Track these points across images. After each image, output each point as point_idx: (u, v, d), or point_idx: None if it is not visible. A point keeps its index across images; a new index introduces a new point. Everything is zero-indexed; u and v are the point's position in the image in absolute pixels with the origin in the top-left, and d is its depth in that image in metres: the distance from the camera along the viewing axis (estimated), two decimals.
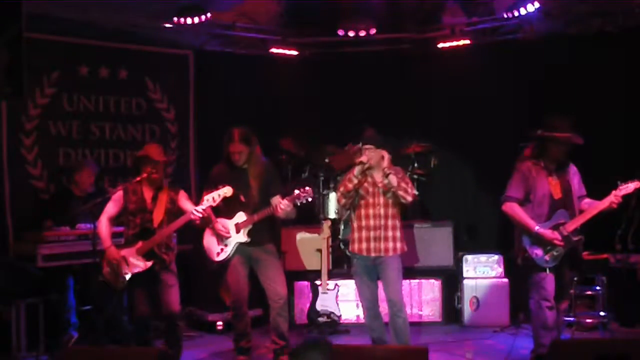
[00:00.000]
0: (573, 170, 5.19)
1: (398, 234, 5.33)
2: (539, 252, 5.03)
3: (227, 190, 5.23)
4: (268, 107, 7.99)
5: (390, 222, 5.30)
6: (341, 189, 5.34)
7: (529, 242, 5.06)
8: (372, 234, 5.29)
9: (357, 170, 5.26)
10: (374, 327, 5.42)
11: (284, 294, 5.48)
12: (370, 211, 5.31)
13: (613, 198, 4.95)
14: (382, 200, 5.30)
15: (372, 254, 5.30)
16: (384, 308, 5.45)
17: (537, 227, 4.99)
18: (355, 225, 5.40)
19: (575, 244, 5.05)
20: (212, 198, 5.21)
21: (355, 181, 5.27)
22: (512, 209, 5.12)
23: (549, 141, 5.04)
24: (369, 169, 5.29)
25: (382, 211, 5.29)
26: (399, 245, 5.32)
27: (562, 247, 4.98)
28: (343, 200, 5.37)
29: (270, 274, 5.48)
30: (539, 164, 5.12)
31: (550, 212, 5.06)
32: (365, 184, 5.31)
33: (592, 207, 5.05)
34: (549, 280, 5.02)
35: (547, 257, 5.01)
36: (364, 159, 5.24)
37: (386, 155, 5.28)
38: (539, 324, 5.06)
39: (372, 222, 5.30)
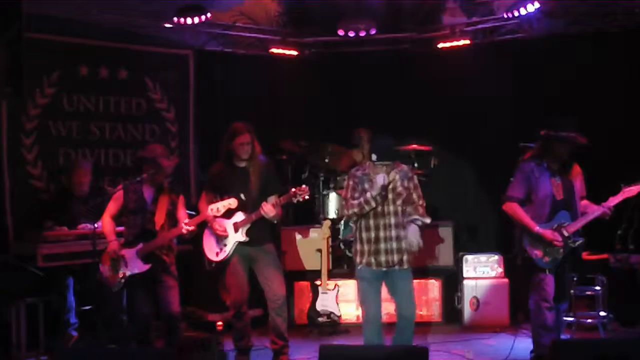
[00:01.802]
0: (576, 170, 5.16)
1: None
2: (538, 252, 5.02)
3: (232, 202, 5.23)
4: (268, 107, 8.00)
5: (402, 233, 4.88)
6: (355, 210, 4.85)
7: (529, 243, 5.05)
8: (382, 246, 4.86)
9: (375, 191, 4.80)
10: (371, 340, 4.99)
11: (282, 294, 5.47)
12: (380, 221, 4.86)
13: (604, 209, 4.97)
14: (392, 208, 4.89)
15: (383, 268, 4.89)
16: (384, 307, 5.22)
17: (537, 228, 4.97)
18: (362, 236, 4.93)
19: (576, 246, 5.03)
20: (217, 208, 5.21)
21: (373, 204, 4.81)
22: (513, 209, 5.10)
23: (553, 141, 5.01)
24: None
25: (392, 220, 4.87)
26: (411, 257, 4.95)
27: (562, 249, 4.97)
28: (355, 218, 4.93)
29: (269, 274, 5.47)
30: (542, 164, 5.09)
31: (552, 213, 5.04)
32: None
33: (590, 212, 5.04)
34: (548, 281, 5.01)
35: (546, 258, 5.00)
36: (385, 181, 4.80)
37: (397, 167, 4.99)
38: (539, 325, 5.06)
39: (382, 234, 4.86)
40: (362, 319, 5.07)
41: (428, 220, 4.97)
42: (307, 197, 5.36)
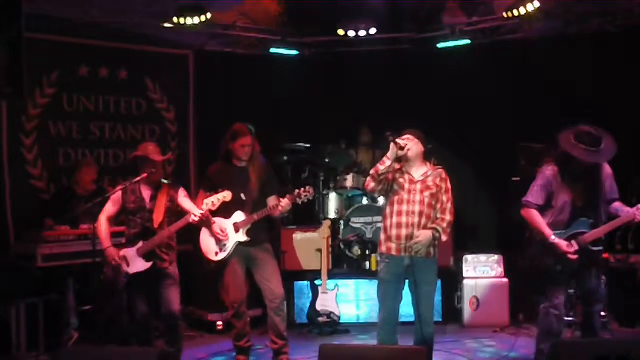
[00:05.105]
0: (606, 172, 4.93)
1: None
2: (551, 261, 4.87)
3: (226, 195, 5.22)
4: (268, 107, 8.00)
5: (424, 222, 4.82)
6: (372, 171, 4.88)
7: (544, 251, 4.89)
8: (403, 231, 4.80)
9: (391, 152, 4.79)
10: (384, 341, 4.94)
11: (280, 294, 5.48)
12: (404, 207, 4.83)
13: (635, 214, 4.76)
14: (418, 197, 4.83)
15: (403, 254, 4.81)
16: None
17: (552, 237, 4.81)
18: (386, 223, 4.90)
19: (594, 255, 4.87)
20: (212, 202, 5.20)
21: (388, 163, 4.78)
22: (530, 215, 4.94)
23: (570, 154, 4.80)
24: (406, 160, 4.89)
25: (417, 208, 4.81)
26: (432, 249, 4.87)
27: (575, 261, 4.80)
28: (372, 184, 4.86)
29: (267, 273, 5.47)
30: (564, 169, 4.88)
31: (571, 220, 4.86)
32: (401, 180, 4.88)
33: (617, 220, 4.83)
34: (560, 290, 4.90)
35: (558, 267, 4.85)
36: (401, 142, 4.79)
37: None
38: (544, 329, 4.94)
39: (404, 219, 4.81)
40: (378, 318, 5.04)
41: (444, 238, 4.90)
42: (311, 198, 5.38)
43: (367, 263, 7.20)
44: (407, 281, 4.92)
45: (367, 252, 7.19)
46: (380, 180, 4.85)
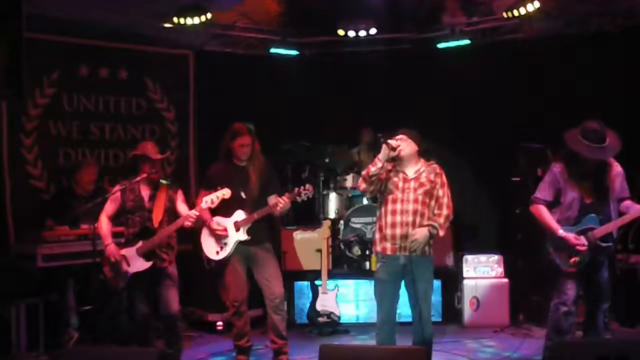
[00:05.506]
0: (616, 171, 4.94)
1: None
2: (561, 256, 4.87)
3: (225, 192, 5.22)
4: (268, 107, 7.99)
5: (418, 220, 4.77)
6: (363, 172, 4.85)
7: (553, 246, 4.91)
8: (398, 231, 4.76)
9: (382, 154, 4.76)
10: (382, 342, 4.92)
11: (279, 293, 5.48)
12: (398, 207, 4.79)
13: None
14: (412, 196, 4.79)
15: (398, 253, 4.76)
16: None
17: (560, 231, 4.83)
18: (380, 222, 4.87)
19: (604, 250, 4.86)
20: (211, 200, 5.21)
21: (379, 165, 4.75)
22: (538, 211, 4.97)
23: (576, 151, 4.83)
24: (399, 159, 4.84)
25: (411, 207, 4.76)
26: (427, 248, 4.83)
27: (585, 254, 4.80)
28: (363, 185, 4.83)
29: (267, 273, 5.48)
30: (571, 166, 4.90)
31: (580, 216, 4.86)
32: (395, 179, 4.84)
33: (626, 215, 4.83)
34: (570, 286, 4.88)
35: (570, 262, 4.84)
36: (393, 143, 4.75)
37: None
38: (552, 326, 4.94)
39: (398, 219, 4.77)
40: (377, 319, 4.99)
41: (442, 233, 4.86)
42: (310, 196, 5.38)
43: (367, 263, 7.20)
44: (403, 281, 4.89)
45: (367, 252, 7.19)
46: (372, 182, 4.82)
